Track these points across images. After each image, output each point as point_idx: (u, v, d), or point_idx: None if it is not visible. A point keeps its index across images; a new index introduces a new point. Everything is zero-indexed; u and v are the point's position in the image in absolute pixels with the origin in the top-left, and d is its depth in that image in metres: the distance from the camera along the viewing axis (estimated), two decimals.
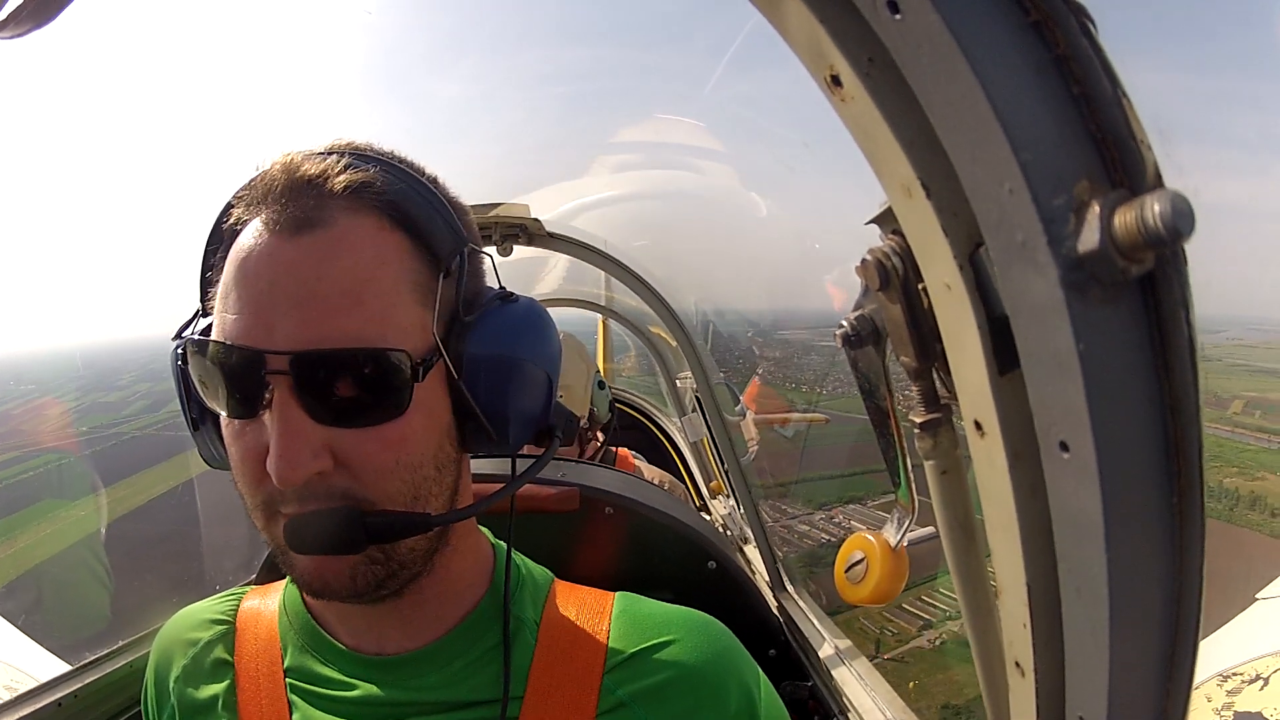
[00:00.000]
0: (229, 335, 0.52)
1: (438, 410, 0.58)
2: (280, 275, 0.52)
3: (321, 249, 0.52)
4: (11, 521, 6.72)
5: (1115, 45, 0.28)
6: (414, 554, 0.58)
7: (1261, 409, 17.44)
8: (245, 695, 0.67)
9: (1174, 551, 0.32)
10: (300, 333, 0.51)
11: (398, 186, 0.56)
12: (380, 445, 0.54)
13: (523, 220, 1.68)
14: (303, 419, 0.51)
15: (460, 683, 0.63)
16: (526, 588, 0.70)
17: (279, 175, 0.54)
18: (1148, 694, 0.35)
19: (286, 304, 0.51)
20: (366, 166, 0.55)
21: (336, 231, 0.53)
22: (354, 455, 0.53)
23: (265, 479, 0.53)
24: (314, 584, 0.56)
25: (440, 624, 0.65)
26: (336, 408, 0.52)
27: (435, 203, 0.58)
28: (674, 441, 4.10)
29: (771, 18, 0.37)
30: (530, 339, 0.61)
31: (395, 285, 0.54)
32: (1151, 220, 0.25)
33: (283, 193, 0.53)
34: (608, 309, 3.40)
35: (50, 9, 0.46)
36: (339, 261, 0.52)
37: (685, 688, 0.63)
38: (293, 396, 0.51)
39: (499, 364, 0.59)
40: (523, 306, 0.62)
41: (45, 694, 1.09)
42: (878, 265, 0.41)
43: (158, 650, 0.75)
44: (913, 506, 0.52)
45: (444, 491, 0.59)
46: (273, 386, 0.52)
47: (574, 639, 0.66)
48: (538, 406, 0.63)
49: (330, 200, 0.53)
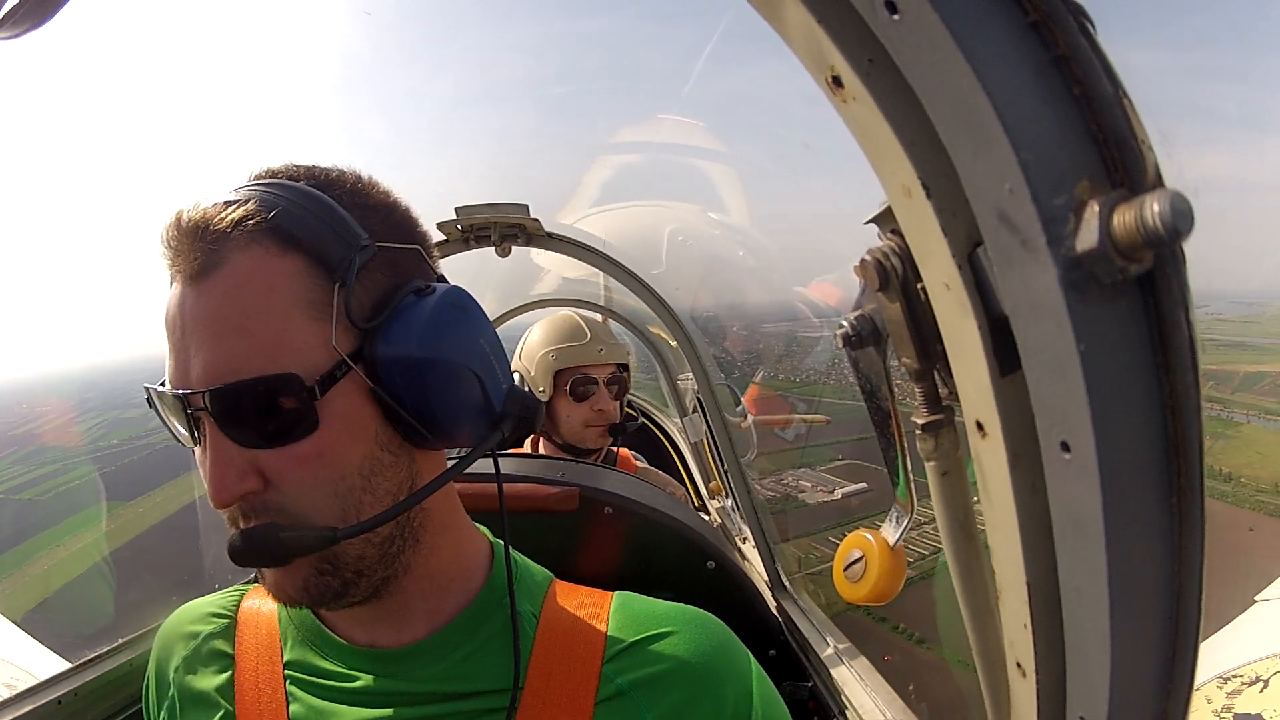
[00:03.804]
0: (164, 380, 0.58)
1: (359, 419, 0.58)
2: (188, 321, 0.56)
3: (216, 290, 0.55)
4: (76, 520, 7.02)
5: (1111, 39, 0.28)
6: (365, 561, 0.60)
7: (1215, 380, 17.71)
8: (244, 686, 0.68)
9: (1174, 551, 0.32)
10: (207, 371, 0.55)
11: (283, 209, 0.57)
12: (296, 462, 0.56)
13: (521, 220, 1.68)
14: (228, 445, 0.56)
15: (460, 673, 0.64)
16: (525, 584, 0.71)
17: (172, 230, 0.57)
18: (1148, 694, 0.35)
19: (195, 346, 0.55)
20: (248, 199, 0.57)
21: (227, 270, 0.55)
22: (277, 473, 0.56)
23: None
24: (275, 594, 0.61)
25: (435, 618, 0.66)
26: (254, 431, 0.56)
27: (325, 214, 0.58)
28: (674, 441, 4.10)
29: (771, 19, 0.37)
30: (449, 331, 0.60)
31: (286, 309, 0.56)
32: (1151, 220, 0.25)
33: (179, 245, 0.57)
34: (608, 309, 3.39)
35: (46, 9, 0.46)
36: (231, 299, 0.55)
37: (683, 679, 0.64)
38: (216, 428, 0.56)
39: (409, 364, 0.58)
40: (435, 299, 0.60)
41: (45, 691, 1.09)
42: (877, 265, 0.41)
43: (160, 642, 0.77)
44: (911, 506, 0.52)
45: (381, 498, 0.59)
46: (199, 422, 0.57)
47: (573, 631, 0.67)
48: (472, 397, 0.62)
49: (222, 241, 0.56)
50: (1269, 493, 13.60)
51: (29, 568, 8.39)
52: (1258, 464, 14.87)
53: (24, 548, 8.48)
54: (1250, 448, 15.82)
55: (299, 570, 0.58)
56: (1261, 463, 14.90)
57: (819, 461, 9.28)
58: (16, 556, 8.17)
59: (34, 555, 8.50)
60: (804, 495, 8.34)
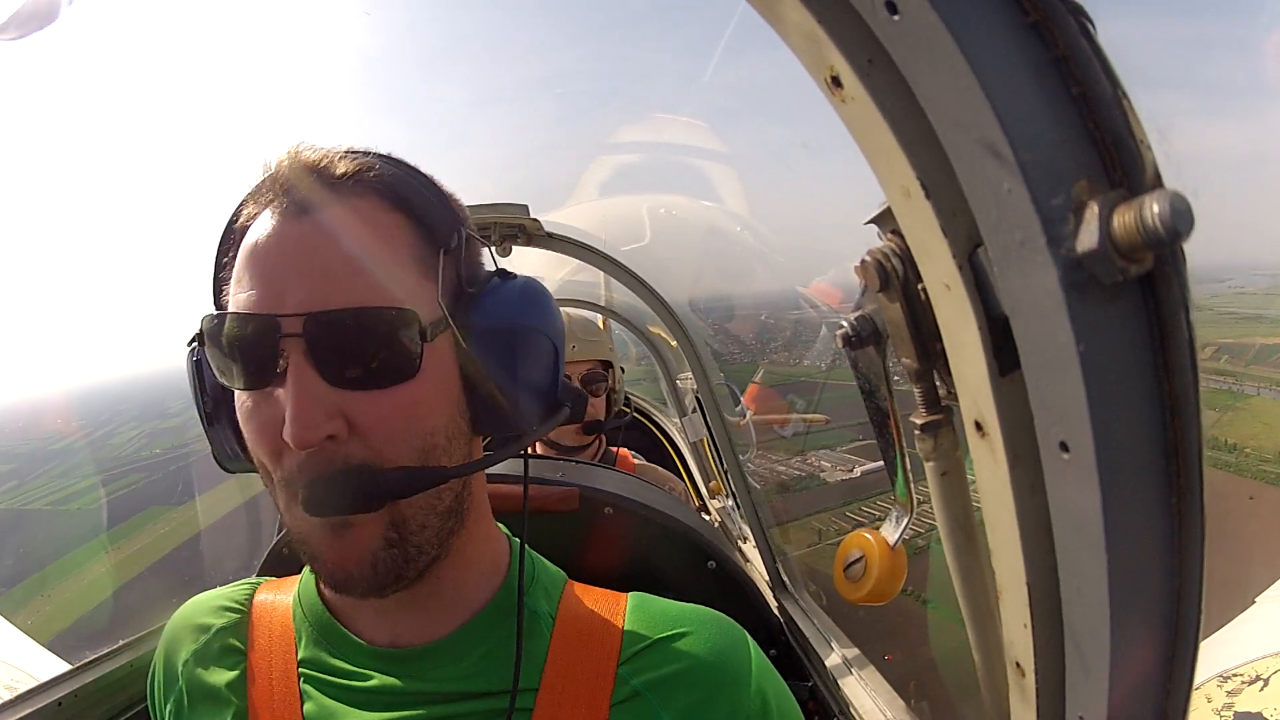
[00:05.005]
0: (242, 308, 0.55)
1: (448, 380, 0.59)
2: (289, 250, 0.54)
3: (326, 226, 0.55)
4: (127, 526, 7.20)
5: (1110, 35, 0.28)
6: (426, 533, 0.59)
7: (1230, 354, 17.79)
8: (257, 684, 0.67)
9: (1174, 551, 0.32)
10: (310, 298, 0.53)
11: (393, 172, 0.59)
12: (392, 408, 0.55)
13: (521, 220, 1.68)
14: (317, 381, 0.53)
15: (477, 674, 0.63)
16: (541, 583, 0.71)
17: (284, 165, 0.58)
18: (1148, 694, 0.35)
19: (296, 274, 0.54)
20: (364, 154, 0.59)
21: (339, 211, 0.56)
22: (367, 419, 0.54)
23: (283, 451, 0.54)
24: (336, 575, 0.57)
25: (456, 616, 0.66)
26: (349, 370, 0.54)
27: (430, 188, 0.62)
28: (674, 441, 4.10)
29: (770, 19, 0.37)
30: (536, 310, 0.63)
31: (398, 257, 0.57)
32: (1150, 220, 0.25)
33: (287, 180, 0.57)
34: (607, 309, 3.39)
35: (50, 11, 0.46)
36: (343, 236, 0.55)
37: (698, 679, 0.63)
38: (306, 360, 0.53)
39: (505, 334, 0.61)
40: (523, 281, 0.65)
41: (46, 693, 1.09)
42: (877, 266, 0.41)
43: (168, 634, 0.76)
44: (911, 505, 0.52)
45: (454, 464, 0.60)
46: (287, 352, 0.53)
47: (589, 631, 0.67)
48: (546, 379, 0.65)
49: (332, 184, 0.57)
50: (1272, 462, 13.66)
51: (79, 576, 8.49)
52: (1263, 435, 14.93)
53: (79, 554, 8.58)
54: (1257, 419, 15.85)
55: (369, 542, 0.56)
56: (1267, 434, 14.95)
57: (839, 443, 10.03)
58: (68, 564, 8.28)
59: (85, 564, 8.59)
60: (825, 474, 9.21)
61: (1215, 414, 15.68)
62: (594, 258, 1.87)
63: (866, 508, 10.72)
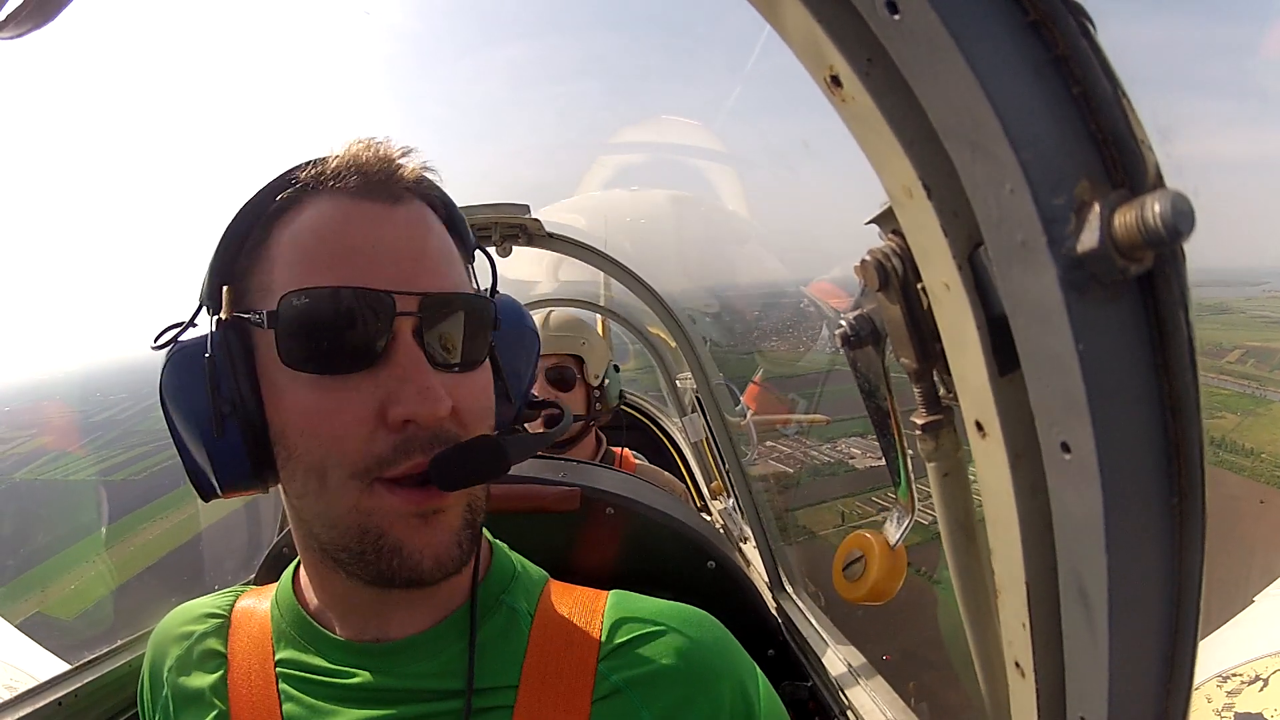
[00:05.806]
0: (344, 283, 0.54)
1: (489, 371, 0.65)
2: (388, 234, 0.57)
3: (415, 218, 0.59)
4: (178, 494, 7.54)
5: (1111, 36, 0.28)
6: (481, 514, 0.63)
7: (1256, 358, 17.80)
8: (236, 685, 0.68)
9: (1174, 551, 0.32)
10: (420, 280, 0.56)
11: (438, 189, 0.64)
12: (475, 390, 0.60)
13: (522, 221, 1.68)
14: (426, 361, 0.55)
15: (454, 670, 0.63)
16: (521, 581, 0.71)
17: (364, 151, 0.59)
18: (1148, 694, 0.35)
19: (399, 257, 0.56)
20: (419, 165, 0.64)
21: (413, 208, 0.60)
22: (461, 399, 0.57)
23: (377, 434, 0.54)
24: (424, 562, 0.56)
25: (441, 609, 0.66)
26: (459, 347, 0.58)
27: (454, 205, 0.67)
28: (674, 441, 4.10)
29: (770, 18, 0.37)
30: (529, 319, 0.76)
31: (459, 260, 0.64)
32: (1151, 220, 0.25)
33: (371, 166, 0.58)
34: (607, 309, 3.39)
35: (50, 9, 0.46)
36: (429, 231, 0.60)
37: (679, 677, 0.63)
38: (415, 340, 0.55)
39: (513, 336, 0.70)
40: (510, 299, 0.75)
41: (46, 693, 1.10)
42: (877, 265, 0.41)
43: (154, 643, 0.77)
44: (912, 505, 0.52)
45: None
46: (393, 332, 0.54)
47: (568, 629, 0.67)
48: (528, 382, 0.75)
49: (403, 184, 0.60)
50: None
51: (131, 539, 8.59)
52: None
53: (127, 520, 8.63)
54: (1278, 425, 15.76)
55: (454, 521, 0.58)
56: None
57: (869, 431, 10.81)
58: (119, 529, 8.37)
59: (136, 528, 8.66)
60: (854, 461, 9.62)
61: (1236, 418, 15.62)
62: (594, 258, 1.87)
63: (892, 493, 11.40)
